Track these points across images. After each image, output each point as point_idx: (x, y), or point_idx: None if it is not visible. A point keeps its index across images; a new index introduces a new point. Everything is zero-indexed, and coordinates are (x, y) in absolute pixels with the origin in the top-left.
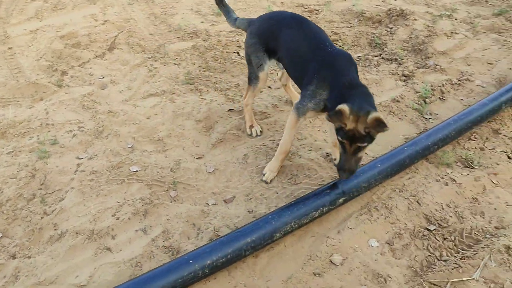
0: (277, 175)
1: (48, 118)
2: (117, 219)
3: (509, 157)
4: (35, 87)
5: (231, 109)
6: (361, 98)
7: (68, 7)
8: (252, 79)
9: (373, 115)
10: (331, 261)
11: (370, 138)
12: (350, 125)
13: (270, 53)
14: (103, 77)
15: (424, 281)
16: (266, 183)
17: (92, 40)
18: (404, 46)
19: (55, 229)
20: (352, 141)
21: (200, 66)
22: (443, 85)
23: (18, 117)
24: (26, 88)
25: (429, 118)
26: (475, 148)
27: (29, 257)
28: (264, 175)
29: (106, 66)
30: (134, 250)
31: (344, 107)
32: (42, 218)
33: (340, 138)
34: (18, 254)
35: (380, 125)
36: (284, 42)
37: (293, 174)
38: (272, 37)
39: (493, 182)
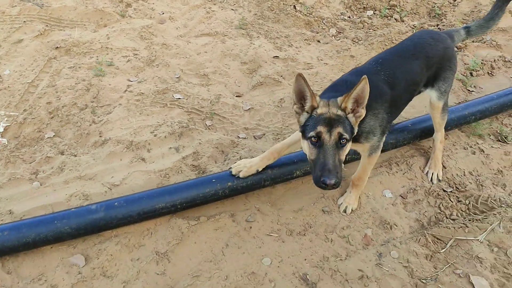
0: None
1: (108, 43)
2: (155, 135)
3: None
4: (101, 14)
5: (276, 56)
6: None
7: None
8: None
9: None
10: None
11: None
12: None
13: None
14: (163, 13)
15: (428, 233)
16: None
17: None
18: (464, 19)
19: (100, 136)
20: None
21: (256, 14)
22: (494, 60)
23: (82, 38)
24: (93, 14)
25: (472, 91)
26: None
27: (75, 156)
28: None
29: (167, 4)
30: (165, 163)
31: None
32: (90, 125)
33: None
34: (66, 152)
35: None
36: None
37: None
38: None
39: None
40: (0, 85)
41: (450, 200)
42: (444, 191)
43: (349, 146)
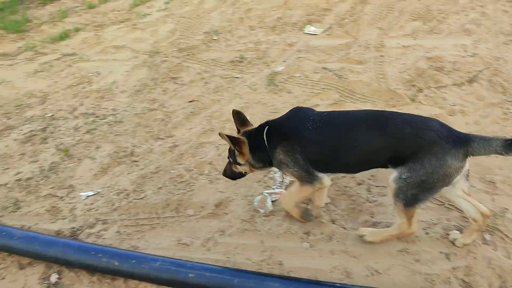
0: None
1: None
2: None
3: None
4: (391, 94)
5: None
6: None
7: (443, 33)
8: None
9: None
10: None
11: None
12: None
13: None
14: (454, 105)
15: None
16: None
17: (455, 68)
18: None
19: None
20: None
21: None
22: None
23: None
24: (384, 93)
25: None
26: None
27: None
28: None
29: (461, 96)
30: None
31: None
32: None
33: None
34: None
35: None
36: None
37: None
38: None
39: None
40: None
41: None
42: None
43: (238, 168)
